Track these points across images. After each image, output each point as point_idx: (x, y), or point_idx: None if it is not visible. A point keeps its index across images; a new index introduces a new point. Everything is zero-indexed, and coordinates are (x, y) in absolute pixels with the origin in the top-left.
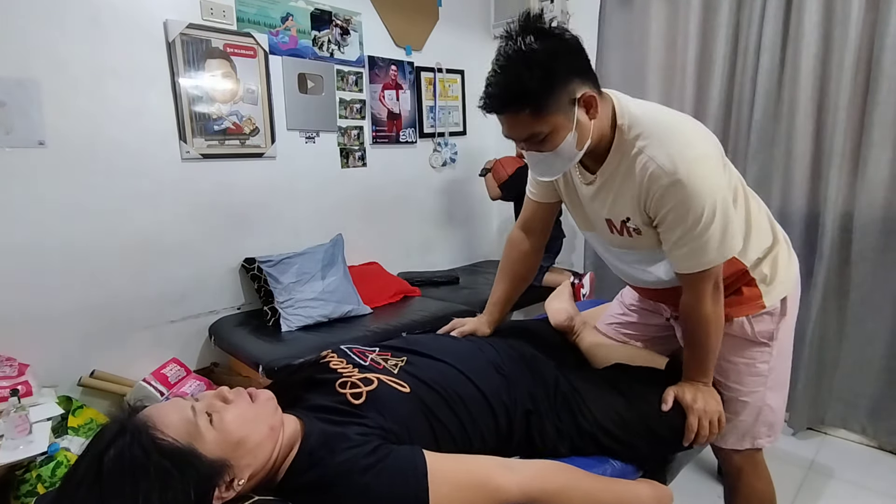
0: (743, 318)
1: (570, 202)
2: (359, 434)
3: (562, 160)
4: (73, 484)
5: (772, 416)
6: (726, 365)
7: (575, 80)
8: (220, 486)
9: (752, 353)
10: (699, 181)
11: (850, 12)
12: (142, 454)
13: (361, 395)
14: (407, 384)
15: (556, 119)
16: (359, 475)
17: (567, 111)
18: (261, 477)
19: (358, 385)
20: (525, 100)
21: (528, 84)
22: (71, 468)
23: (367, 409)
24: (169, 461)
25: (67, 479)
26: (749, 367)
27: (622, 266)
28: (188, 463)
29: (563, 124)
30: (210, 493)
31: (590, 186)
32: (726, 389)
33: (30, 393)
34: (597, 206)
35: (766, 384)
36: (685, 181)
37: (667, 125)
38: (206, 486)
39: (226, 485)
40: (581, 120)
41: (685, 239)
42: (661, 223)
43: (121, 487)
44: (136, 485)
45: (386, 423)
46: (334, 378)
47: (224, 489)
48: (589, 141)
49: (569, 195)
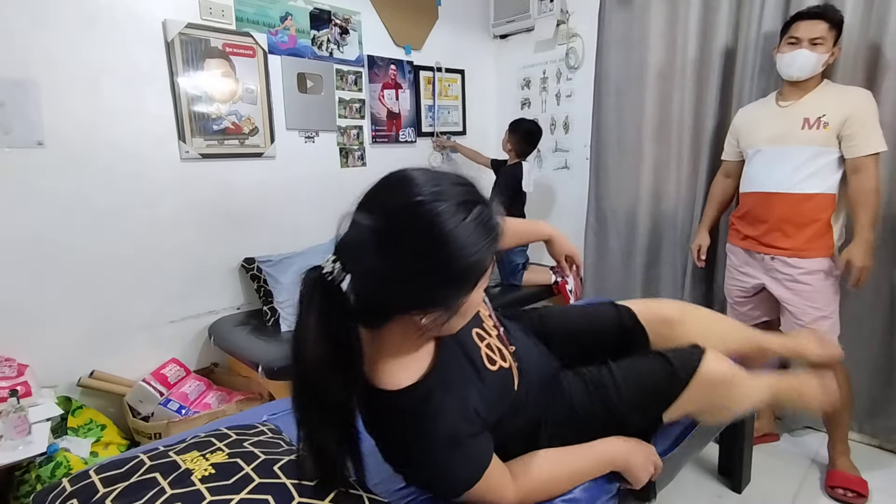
0: (829, 259)
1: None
2: (473, 410)
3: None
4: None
5: (839, 328)
6: (817, 296)
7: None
8: (433, 312)
9: (833, 284)
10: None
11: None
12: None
13: (495, 364)
14: (518, 383)
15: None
16: (437, 450)
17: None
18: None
19: (494, 351)
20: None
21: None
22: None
23: (492, 383)
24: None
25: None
26: (832, 295)
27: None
28: (474, 266)
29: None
30: (428, 308)
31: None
32: (819, 311)
33: (29, 393)
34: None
35: (835, 305)
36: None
37: None
38: (446, 295)
39: (429, 315)
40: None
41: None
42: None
43: (418, 240)
44: (428, 251)
45: (494, 406)
46: (475, 322)
47: (428, 317)
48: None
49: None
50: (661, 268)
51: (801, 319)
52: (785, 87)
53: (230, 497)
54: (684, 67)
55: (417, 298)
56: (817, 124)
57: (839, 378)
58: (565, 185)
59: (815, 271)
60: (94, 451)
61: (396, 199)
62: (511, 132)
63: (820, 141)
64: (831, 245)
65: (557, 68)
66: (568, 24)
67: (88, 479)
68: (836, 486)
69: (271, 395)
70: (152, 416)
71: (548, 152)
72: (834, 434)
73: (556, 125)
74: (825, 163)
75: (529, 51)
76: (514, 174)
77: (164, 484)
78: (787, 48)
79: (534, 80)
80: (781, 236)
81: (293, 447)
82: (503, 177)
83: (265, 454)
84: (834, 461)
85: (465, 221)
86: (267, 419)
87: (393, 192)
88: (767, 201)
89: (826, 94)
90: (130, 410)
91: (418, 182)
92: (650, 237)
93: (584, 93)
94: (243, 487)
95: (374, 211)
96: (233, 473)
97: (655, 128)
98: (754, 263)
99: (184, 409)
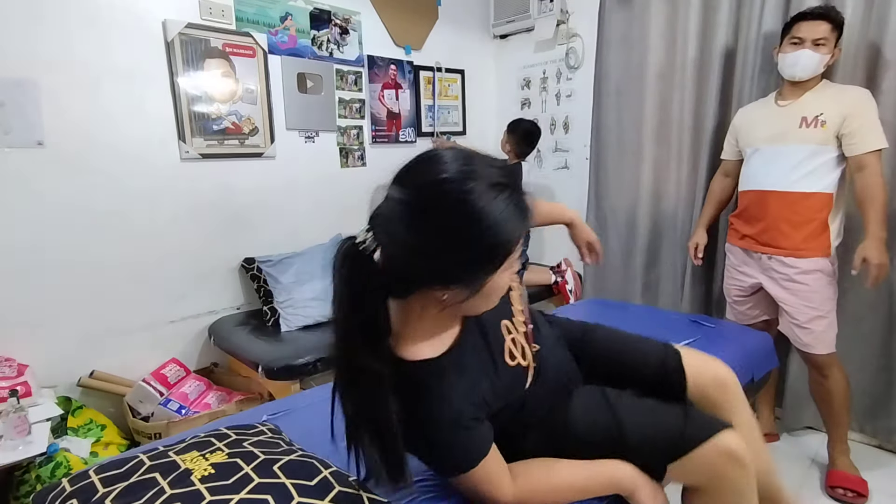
0: (826, 258)
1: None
2: (482, 398)
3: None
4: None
5: (836, 327)
6: (813, 296)
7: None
8: (456, 288)
9: (830, 283)
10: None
11: (847, 11)
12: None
13: (514, 359)
14: (530, 383)
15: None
16: (439, 429)
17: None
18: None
19: (517, 347)
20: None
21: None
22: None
23: (506, 376)
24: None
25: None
26: (828, 294)
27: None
28: (499, 246)
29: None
30: (451, 284)
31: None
32: (815, 310)
33: (29, 393)
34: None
35: (832, 304)
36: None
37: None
38: (474, 269)
39: (451, 291)
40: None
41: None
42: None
43: (445, 219)
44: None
45: (501, 398)
46: (506, 314)
47: (450, 293)
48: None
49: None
50: (662, 268)
51: (798, 319)
52: (785, 86)
53: (230, 497)
54: (684, 67)
55: (441, 273)
56: (815, 123)
57: (839, 378)
58: (565, 185)
59: (811, 271)
60: (94, 452)
61: (429, 174)
62: (509, 133)
63: (817, 140)
64: (828, 245)
65: (557, 68)
66: (568, 24)
67: (88, 479)
68: (836, 486)
69: (271, 395)
70: (152, 416)
71: (548, 152)
72: (834, 434)
73: (556, 125)
74: (822, 162)
75: (529, 51)
76: (513, 174)
77: (163, 484)
78: (789, 48)
79: (534, 80)
80: (778, 235)
81: (293, 447)
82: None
83: (265, 454)
84: (834, 461)
85: (495, 200)
86: (267, 419)
87: (427, 168)
88: (764, 199)
89: (824, 94)
90: (130, 410)
91: (451, 160)
92: (650, 237)
93: (584, 93)
94: (243, 487)
95: (407, 185)
96: (232, 473)
97: (655, 128)
98: (752, 263)
99: (184, 409)
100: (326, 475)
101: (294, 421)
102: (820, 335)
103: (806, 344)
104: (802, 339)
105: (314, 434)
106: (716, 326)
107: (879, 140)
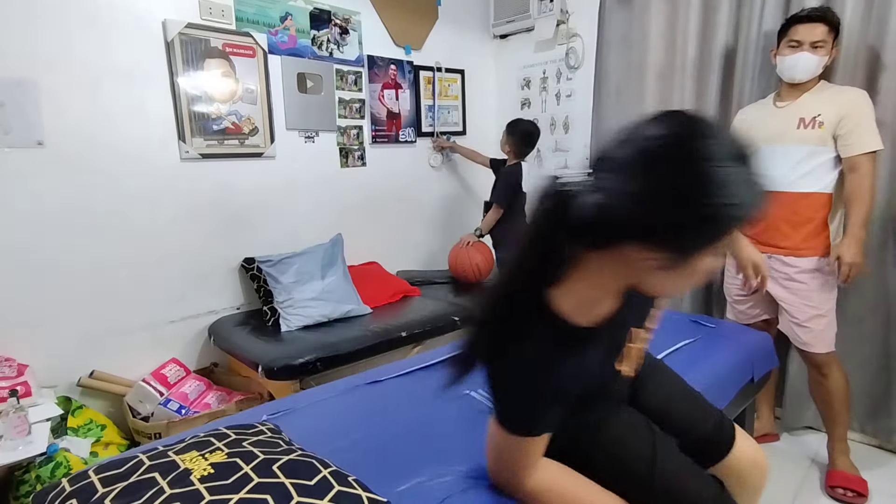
0: (826, 258)
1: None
2: (582, 385)
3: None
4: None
5: (835, 326)
6: (813, 294)
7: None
8: (660, 252)
9: (829, 282)
10: None
11: (846, 11)
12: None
13: (621, 366)
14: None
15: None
16: (534, 387)
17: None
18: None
19: (631, 356)
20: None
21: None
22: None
23: (606, 377)
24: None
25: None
26: (828, 293)
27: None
28: (723, 219)
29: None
30: (658, 246)
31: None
32: (814, 309)
33: (29, 393)
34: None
35: (832, 304)
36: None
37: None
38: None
39: (652, 255)
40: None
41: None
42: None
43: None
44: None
45: (588, 392)
46: (639, 321)
47: (651, 256)
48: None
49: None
50: None
51: (798, 317)
52: (783, 87)
53: (229, 497)
54: (684, 67)
55: (657, 231)
56: (812, 124)
57: (838, 377)
58: None
59: (811, 270)
60: (94, 451)
61: (680, 129)
62: (508, 133)
63: (815, 140)
64: (828, 244)
65: (557, 68)
66: (568, 24)
67: (88, 479)
68: (836, 486)
69: (271, 395)
70: (152, 416)
71: (548, 152)
72: (834, 434)
73: (555, 125)
74: (820, 162)
75: (529, 51)
76: (513, 174)
77: (163, 484)
78: (787, 51)
79: (534, 80)
80: (778, 235)
81: (292, 447)
82: (503, 177)
83: (264, 454)
84: (834, 461)
85: (736, 169)
86: (266, 419)
87: (679, 123)
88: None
89: (822, 94)
90: (130, 410)
91: (705, 121)
92: None
93: (583, 93)
94: (242, 487)
95: (652, 135)
96: (232, 473)
97: None
98: None
99: (184, 409)
100: (326, 475)
101: (294, 421)
102: (819, 334)
103: (805, 343)
104: (802, 338)
105: (314, 434)
106: (716, 326)
107: (874, 142)
